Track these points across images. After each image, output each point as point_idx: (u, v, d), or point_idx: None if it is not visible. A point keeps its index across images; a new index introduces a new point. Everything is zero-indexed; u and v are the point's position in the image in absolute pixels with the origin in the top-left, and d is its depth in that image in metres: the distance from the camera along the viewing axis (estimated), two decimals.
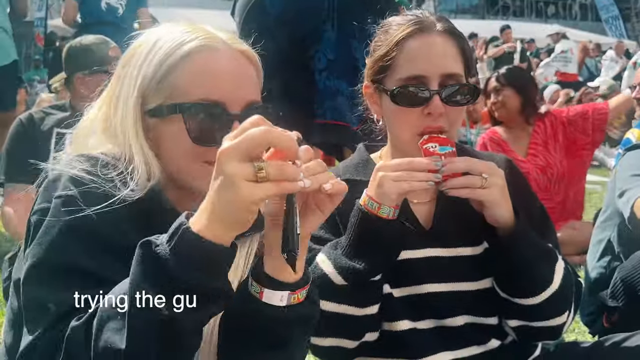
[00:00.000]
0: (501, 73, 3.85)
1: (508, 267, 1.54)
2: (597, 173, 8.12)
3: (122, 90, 1.19)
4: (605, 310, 2.50)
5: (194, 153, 1.15)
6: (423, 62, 1.51)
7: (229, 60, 1.17)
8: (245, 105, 1.16)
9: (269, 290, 1.09)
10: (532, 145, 3.74)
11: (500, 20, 25.63)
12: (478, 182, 1.41)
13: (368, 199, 1.45)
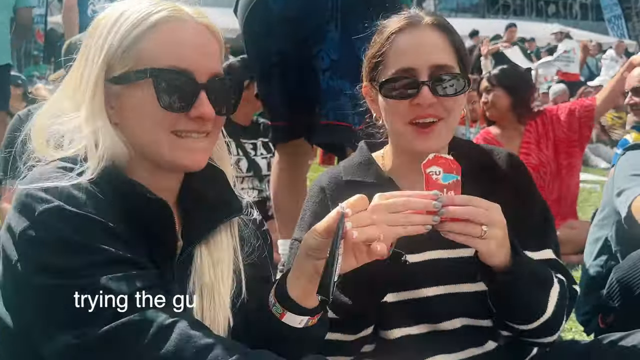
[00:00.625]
0: (493, 73, 3.88)
1: (501, 302, 1.52)
2: (596, 173, 8.12)
3: (88, 61, 1.19)
4: (600, 311, 2.50)
5: (162, 121, 1.16)
6: (412, 54, 1.52)
7: (195, 32, 1.19)
8: (210, 76, 1.19)
9: (291, 314, 1.18)
10: (524, 144, 3.76)
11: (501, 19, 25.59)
12: (477, 232, 1.32)
13: None
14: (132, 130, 1.18)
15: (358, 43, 2.66)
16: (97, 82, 1.16)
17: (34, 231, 1.07)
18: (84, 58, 1.20)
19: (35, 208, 1.07)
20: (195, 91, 1.16)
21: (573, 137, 3.69)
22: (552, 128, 3.72)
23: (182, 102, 1.16)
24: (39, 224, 1.06)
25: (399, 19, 1.59)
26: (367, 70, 1.62)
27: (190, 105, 1.16)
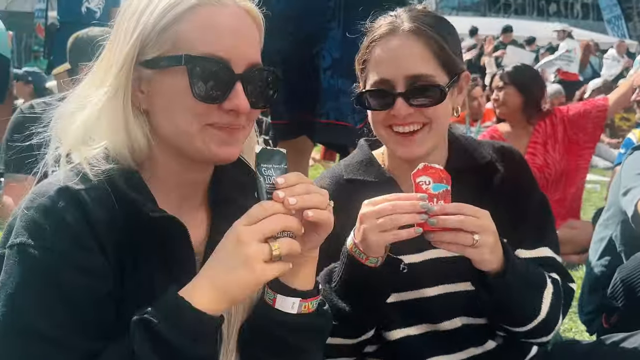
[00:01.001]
0: (506, 71, 3.83)
1: (495, 306, 1.52)
2: (596, 172, 8.12)
3: (118, 43, 1.12)
4: (604, 311, 2.50)
5: (194, 111, 1.10)
6: (388, 65, 1.52)
7: (236, 18, 1.12)
8: (247, 66, 1.12)
9: (281, 296, 1.15)
10: (531, 144, 3.73)
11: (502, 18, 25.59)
12: (468, 241, 1.34)
13: (355, 247, 1.41)
14: (162, 119, 1.13)
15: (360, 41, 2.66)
16: (124, 64, 1.09)
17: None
18: (115, 42, 1.13)
19: (9, 237, 1.07)
20: (231, 81, 1.10)
21: (585, 138, 3.67)
22: (563, 129, 3.69)
23: (217, 93, 1.09)
24: (5, 258, 1.06)
25: (379, 25, 1.58)
26: (358, 73, 1.63)
27: (225, 97, 1.10)
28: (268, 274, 1.03)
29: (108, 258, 1.08)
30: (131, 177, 1.13)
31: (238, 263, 1.01)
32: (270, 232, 1.03)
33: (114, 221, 1.09)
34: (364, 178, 1.64)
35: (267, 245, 1.02)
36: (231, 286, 1.02)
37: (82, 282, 1.04)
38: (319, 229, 1.12)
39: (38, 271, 1.03)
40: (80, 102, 1.14)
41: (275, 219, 1.03)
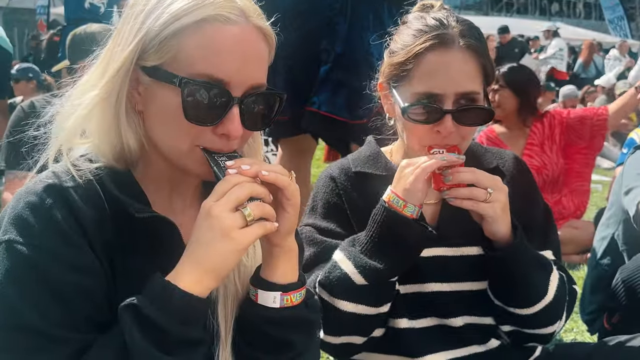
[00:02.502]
0: (501, 72, 3.77)
1: (504, 280, 1.54)
2: (598, 173, 8.10)
3: (120, 42, 1.09)
4: (605, 311, 2.49)
5: (185, 131, 1.07)
6: (440, 79, 1.47)
7: (243, 37, 1.07)
8: (248, 89, 1.08)
9: (262, 291, 1.14)
10: (528, 145, 3.70)
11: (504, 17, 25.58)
12: (482, 196, 1.41)
13: (394, 196, 1.45)
14: (155, 125, 1.11)
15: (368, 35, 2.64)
16: (122, 66, 1.06)
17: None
18: (117, 39, 1.10)
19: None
20: (227, 105, 1.06)
21: (582, 144, 3.65)
22: (560, 131, 3.67)
23: (211, 116, 1.06)
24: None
25: (429, 33, 1.50)
26: (388, 74, 1.57)
27: (218, 120, 1.07)
28: (247, 238, 1.02)
29: (98, 256, 1.07)
30: (121, 176, 1.12)
31: (215, 236, 1.00)
32: (238, 200, 1.02)
33: (103, 220, 1.08)
34: (372, 171, 1.64)
35: (239, 212, 1.02)
36: (214, 260, 1.02)
37: (71, 278, 1.03)
38: (285, 202, 1.09)
39: (26, 268, 1.02)
40: (77, 101, 1.12)
41: (240, 186, 1.03)
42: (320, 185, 1.68)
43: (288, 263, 1.15)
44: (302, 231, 1.61)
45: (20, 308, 1.01)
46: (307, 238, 1.59)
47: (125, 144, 1.11)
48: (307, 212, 1.66)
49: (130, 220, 1.09)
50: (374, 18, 2.66)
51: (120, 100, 1.08)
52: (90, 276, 1.05)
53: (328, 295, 1.49)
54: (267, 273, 1.14)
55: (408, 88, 1.51)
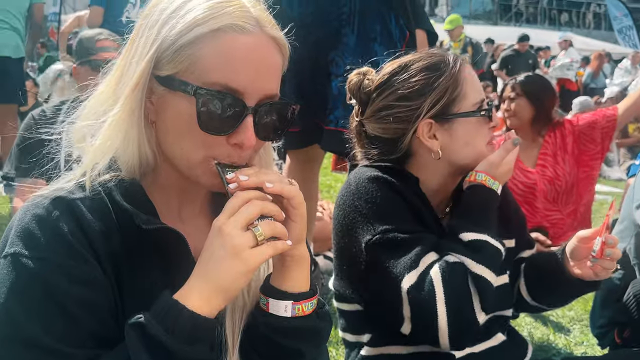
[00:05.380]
0: (518, 81, 3.71)
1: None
2: (609, 184, 8.07)
3: (136, 52, 1.08)
4: (616, 325, 2.46)
5: (199, 140, 1.06)
6: (478, 85, 1.71)
7: (258, 47, 1.07)
8: (262, 99, 1.07)
9: (274, 300, 1.12)
10: (541, 156, 3.64)
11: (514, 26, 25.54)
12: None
13: (484, 176, 1.63)
14: (167, 136, 1.10)
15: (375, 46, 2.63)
16: (139, 79, 1.06)
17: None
18: (132, 50, 1.10)
19: (5, 247, 1.05)
20: (242, 115, 1.06)
21: (595, 149, 3.59)
22: (572, 140, 3.61)
23: (224, 125, 1.05)
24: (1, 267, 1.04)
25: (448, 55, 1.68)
26: (432, 108, 1.62)
27: (233, 129, 1.06)
28: (257, 258, 1.01)
29: (104, 268, 1.06)
30: (130, 186, 1.11)
31: (225, 255, 0.99)
32: (249, 218, 1.01)
33: (110, 231, 1.07)
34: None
35: (250, 231, 1.00)
36: (223, 279, 1.00)
37: (76, 292, 1.02)
38: (291, 212, 1.08)
39: (31, 281, 1.01)
40: (94, 113, 1.12)
41: (250, 204, 1.02)
42: (377, 191, 1.64)
43: (299, 272, 1.13)
44: (379, 241, 1.58)
45: (24, 322, 1.00)
46: (391, 242, 1.57)
47: (143, 156, 1.11)
48: (380, 217, 1.60)
49: (137, 232, 1.08)
50: (382, 28, 2.65)
51: (141, 115, 1.08)
52: (96, 290, 1.04)
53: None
54: (278, 282, 1.13)
55: (463, 103, 1.64)
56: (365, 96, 1.70)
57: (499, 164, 1.63)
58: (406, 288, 1.50)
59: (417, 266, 1.52)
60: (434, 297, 1.48)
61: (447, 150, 1.64)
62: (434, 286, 1.48)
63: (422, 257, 1.53)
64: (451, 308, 1.48)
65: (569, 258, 1.70)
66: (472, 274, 1.51)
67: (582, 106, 8.87)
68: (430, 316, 1.48)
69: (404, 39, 2.72)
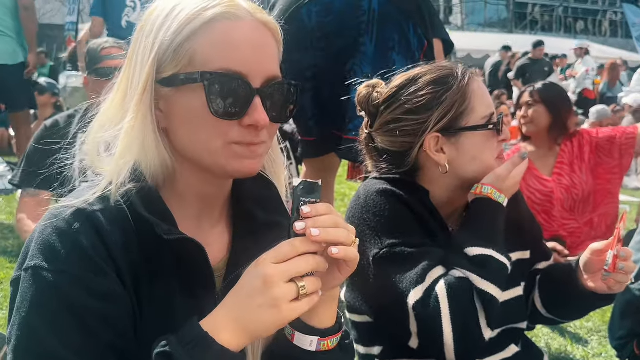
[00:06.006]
0: (536, 88, 3.68)
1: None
2: (626, 193, 7.98)
3: (137, 61, 1.09)
4: (636, 336, 2.42)
5: (214, 128, 1.06)
6: (488, 98, 1.69)
7: (252, 31, 1.09)
8: (265, 80, 1.09)
9: (300, 334, 1.11)
10: (557, 164, 3.60)
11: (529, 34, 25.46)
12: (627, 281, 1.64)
13: (490, 189, 1.61)
14: (183, 136, 1.09)
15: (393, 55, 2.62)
16: (146, 85, 1.07)
17: (13, 288, 1.06)
18: (133, 58, 1.11)
19: (25, 259, 1.05)
20: (250, 96, 1.06)
21: (612, 163, 3.56)
22: (589, 151, 3.58)
23: (235, 109, 1.06)
24: (20, 281, 1.04)
25: (455, 70, 1.66)
26: (439, 122, 1.61)
27: (244, 112, 1.06)
28: (295, 313, 0.99)
29: (124, 280, 1.05)
30: (149, 196, 1.11)
31: (264, 302, 0.97)
32: (299, 274, 0.99)
33: (131, 242, 1.07)
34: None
35: (295, 285, 0.99)
36: (257, 325, 0.99)
37: (96, 305, 1.01)
38: (342, 267, 1.08)
39: (51, 294, 1.01)
40: (105, 124, 1.12)
41: (306, 259, 1.00)
42: (384, 205, 1.63)
43: (328, 308, 1.13)
44: (386, 255, 1.57)
45: (44, 335, 0.99)
46: (399, 257, 1.56)
47: (164, 161, 1.11)
48: (389, 230, 1.60)
49: (157, 242, 1.07)
50: (400, 38, 2.64)
51: (153, 119, 1.08)
52: (115, 303, 1.04)
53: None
54: (306, 316, 1.11)
55: (471, 116, 1.62)
56: (374, 109, 1.70)
57: (506, 177, 1.62)
58: (412, 304, 1.49)
59: (423, 281, 1.51)
60: (439, 314, 1.47)
61: (454, 164, 1.63)
62: (440, 302, 1.47)
63: (428, 271, 1.52)
64: (456, 325, 1.47)
65: (582, 271, 1.67)
66: (477, 290, 1.50)
67: (599, 115, 8.81)
68: (436, 332, 1.47)
69: (422, 48, 2.71)
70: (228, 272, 1.17)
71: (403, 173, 1.68)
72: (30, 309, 1.00)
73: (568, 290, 1.70)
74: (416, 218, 1.60)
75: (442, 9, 30.38)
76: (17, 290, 1.04)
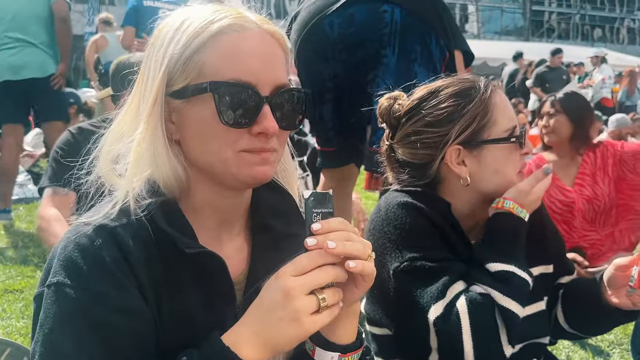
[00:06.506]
0: (557, 97, 3.64)
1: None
2: None
3: (149, 75, 1.12)
4: None
5: (225, 138, 1.08)
6: (510, 110, 1.67)
7: (259, 41, 1.11)
8: (274, 88, 1.10)
9: (321, 350, 1.11)
10: (579, 175, 3.56)
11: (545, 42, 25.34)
12: None
13: (511, 203, 1.59)
14: (195, 148, 1.11)
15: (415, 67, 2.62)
16: (156, 98, 1.09)
17: (36, 304, 1.07)
18: (145, 72, 1.13)
19: (48, 275, 1.06)
20: (259, 105, 1.08)
21: (636, 180, 3.50)
22: (613, 163, 3.53)
23: (245, 118, 1.07)
24: (43, 297, 1.05)
25: (477, 83, 1.66)
26: (460, 134, 1.60)
27: (253, 120, 1.08)
28: (316, 326, 0.99)
29: (146, 295, 1.06)
30: (170, 210, 1.12)
31: (285, 316, 0.97)
32: (319, 285, 0.99)
33: (152, 257, 1.08)
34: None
35: (315, 298, 0.98)
36: (278, 339, 0.99)
37: (119, 321, 1.02)
38: (359, 282, 1.07)
39: (74, 311, 1.02)
40: (118, 138, 1.14)
41: (325, 271, 0.99)
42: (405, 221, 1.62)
43: (349, 324, 1.13)
44: (407, 269, 1.56)
45: (67, 352, 1.00)
46: (421, 271, 1.55)
47: (177, 173, 1.12)
48: (409, 244, 1.59)
49: (178, 256, 1.08)
50: (422, 49, 2.64)
51: (164, 132, 1.10)
52: (138, 319, 1.04)
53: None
54: (327, 331, 1.11)
55: (493, 129, 1.61)
56: (395, 121, 1.70)
57: (528, 192, 1.59)
58: (433, 319, 1.48)
59: (444, 296, 1.50)
60: (460, 330, 1.45)
61: (476, 177, 1.62)
62: (460, 319, 1.46)
63: (449, 286, 1.51)
64: (477, 341, 1.45)
65: (606, 286, 1.64)
66: (498, 307, 1.48)
67: (618, 123, 8.72)
68: (456, 348, 1.46)
69: (444, 59, 2.70)
70: (248, 285, 1.17)
71: (424, 185, 1.67)
72: (54, 326, 1.01)
73: (591, 305, 1.68)
74: (437, 231, 1.59)
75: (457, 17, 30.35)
76: (40, 306, 1.05)
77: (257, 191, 1.22)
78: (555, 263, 1.78)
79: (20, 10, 5.28)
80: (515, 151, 1.63)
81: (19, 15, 5.28)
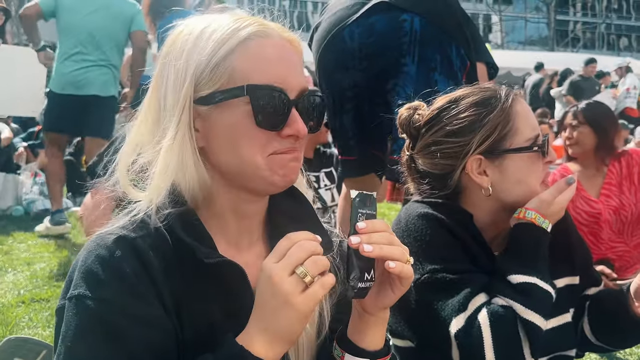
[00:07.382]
0: (580, 108, 3.59)
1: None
2: None
3: (169, 83, 1.12)
4: None
5: (258, 140, 1.09)
6: (533, 119, 1.64)
7: (282, 47, 1.14)
8: (299, 92, 1.13)
9: (350, 356, 1.12)
10: (605, 185, 3.49)
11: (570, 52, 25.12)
12: None
13: (534, 214, 1.57)
14: (223, 153, 1.11)
15: (435, 75, 2.61)
16: (184, 104, 1.10)
17: (58, 317, 1.08)
18: (164, 82, 1.13)
19: (69, 288, 1.07)
20: (288, 108, 1.10)
21: None
22: (638, 171, 3.46)
23: (277, 120, 1.09)
24: (65, 310, 1.05)
25: (501, 91, 1.64)
26: (481, 144, 1.59)
27: (284, 123, 1.10)
28: (310, 303, 0.97)
29: (166, 305, 1.06)
30: (189, 219, 1.12)
31: (278, 304, 0.97)
32: (298, 262, 0.98)
33: (171, 267, 1.08)
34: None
35: (295, 275, 0.97)
36: (281, 328, 0.99)
37: (140, 333, 1.02)
38: (395, 285, 1.07)
39: (95, 322, 1.02)
40: (136, 149, 1.15)
41: (298, 247, 0.99)
42: (425, 228, 1.62)
43: (378, 330, 1.14)
44: (428, 280, 1.55)
45: None
46: (443, 283, 1.54)
47: (202, 180, 1.12)
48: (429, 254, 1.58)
49: (198, 265, 1.08)
50: (442, 58, 2.63)
51: (192, 138, 1.11)
52: (159, 330, 1.04)
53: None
54: (356, 337, 1.13)
55: (515, 138, 1.58)
56: (415, 131, 1.69)
57: (551, 202, 1.56)
58: (454, 332, 1.47)
59: (465, 309, 1.48)
60: (481, 344, 1.43)
61: (498, 187, 1.60)
62: (482, 332, 1.44)
63: (470, 299, 1.49)
64: (499, 355, 1.43)
65: (633, 297, 1.60)
66: (521, 320, 1.46)
67: None
68: None
69: (465, 68, 2.69)
70: None
71: (445, 196, 1.65)
72: (75, 338, 1.02)
73: (618, 317, 1.64)
74: (458, 242, 1.58)
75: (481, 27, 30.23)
76: (62, 319, 1.06)
77: (273, 197, 1.22)
78: (581, 274, 1.75)
79: (97, 29, 5.42)
80: (538, 160, 1.60)
81: (95, 33, 5.42)
